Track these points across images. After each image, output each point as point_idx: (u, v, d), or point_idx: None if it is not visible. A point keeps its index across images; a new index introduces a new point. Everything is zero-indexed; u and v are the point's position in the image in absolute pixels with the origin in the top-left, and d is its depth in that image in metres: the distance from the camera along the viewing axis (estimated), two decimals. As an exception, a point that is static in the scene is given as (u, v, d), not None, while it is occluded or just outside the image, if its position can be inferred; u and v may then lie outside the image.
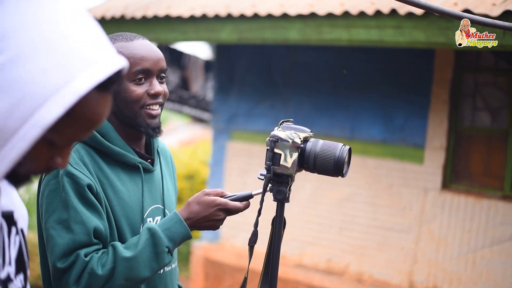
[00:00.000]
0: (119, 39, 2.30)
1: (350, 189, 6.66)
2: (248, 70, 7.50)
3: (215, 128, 7.80)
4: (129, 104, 2.26)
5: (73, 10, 1.21)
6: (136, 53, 2.26)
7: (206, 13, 5.90)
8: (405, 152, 6.38)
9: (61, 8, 1.19)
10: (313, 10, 5.33)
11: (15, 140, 1.14)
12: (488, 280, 5.85)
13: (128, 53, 2.24)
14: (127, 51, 2.25)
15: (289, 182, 2.15)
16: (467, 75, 6.18)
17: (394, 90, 6.49)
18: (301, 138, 2.12)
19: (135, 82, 2.25)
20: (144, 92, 2.26)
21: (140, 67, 2.24)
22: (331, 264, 6.75)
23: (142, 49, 2.28)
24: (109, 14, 6.49)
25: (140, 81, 2.26)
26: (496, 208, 5.85)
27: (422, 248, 6.23)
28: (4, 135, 1.14)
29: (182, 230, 2.22)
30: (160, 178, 2.45)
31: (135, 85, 2.25)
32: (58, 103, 1.14)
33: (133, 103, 2.25)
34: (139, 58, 2.25)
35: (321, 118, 6.85)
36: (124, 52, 2.23)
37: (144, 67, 2.25)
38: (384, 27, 5.10)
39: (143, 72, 2.25)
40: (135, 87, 2.25)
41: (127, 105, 2.26)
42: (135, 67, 2.24)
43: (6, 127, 1.13)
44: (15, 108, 1.13)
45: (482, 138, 6.12)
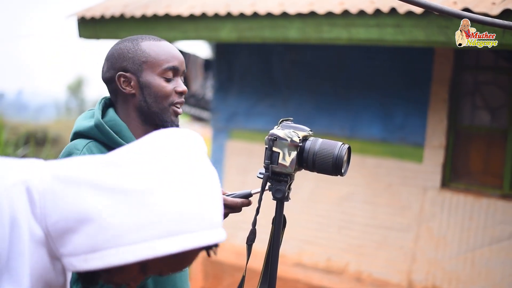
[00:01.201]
0: (147, 38, 2.36)
1: (349, 188, 6.66)
2: (247, 69, 7.50)
3: (214, 127, 7.80)
4: (159, 99, 2.31)
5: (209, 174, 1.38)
6: (166, 51, 2.33)
7: (206, 12, 5.90)
8: (405, 151, 6.38)
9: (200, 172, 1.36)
10: (313, 9, 5.33)
11: (123, 249, 1.24)
12: (487, 279, 5.85)
13: (160, 50, 2.32)
14: (159, 48, 2.32)
15: (288, 181, 2.14)
16: (467, 74, 6.18)
17: (393, 89, 6.49)
18: (300, 137, 2.11)
19: (165, 78, 2.31)
20: (172, 90, 2.32)
21: (171, 65, 2.32)
22: (330, 263, 6.75)
23: (171, 48, 2.36)
24: (109, 13, 6.49)
25: (169, 79, 2.32)
26: (495, 207, 5.85)
27: (421, 247, 6.23)
28: (118, 241, 1.24)
29: None
30: None
31: (165, 81, 2.31)
32: (177, 243, 1.26)
33: (162, 98, 2.31)
34: (170, 56, 2.33)
35: (321, 117, 6.85)
36: (156, 49, 2.32)
37: (174, 65, 2.33)
38: (384, 25, 5.09)
39: (173, 70, 2.32)
40: (165, 83, 2.31)
41: (156, 100, 2.31)
42: (167, 64, 2.31)
43: (123, 236, 1.23)
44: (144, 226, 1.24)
45: (481, 137, 6.12)
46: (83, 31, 6.83)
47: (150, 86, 2.29)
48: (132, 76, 2.30)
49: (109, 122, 2.31)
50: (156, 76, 2.30)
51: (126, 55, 2.32)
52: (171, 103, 2.31)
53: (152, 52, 2.30)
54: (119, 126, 2.30)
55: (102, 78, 2.40)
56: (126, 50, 2.33)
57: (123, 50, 2.33)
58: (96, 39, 6.91)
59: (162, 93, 2.30)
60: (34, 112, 40.14)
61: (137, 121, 2.34)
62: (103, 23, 6.65)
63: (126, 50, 2.33)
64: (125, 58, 2.32)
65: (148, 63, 2.29)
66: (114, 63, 2.34)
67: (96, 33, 6.80)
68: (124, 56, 2.32)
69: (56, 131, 18.86)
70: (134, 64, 2.30)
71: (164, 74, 2.30)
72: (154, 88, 2.29)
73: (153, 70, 2.30)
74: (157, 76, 2.30)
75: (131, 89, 2.31)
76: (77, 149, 2.23)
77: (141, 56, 2.30)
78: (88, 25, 6.77)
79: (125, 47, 2.34)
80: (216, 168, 7.57)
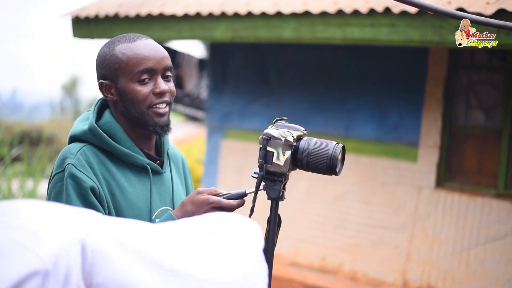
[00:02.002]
0: (122, 40, 2.31)
1: (344, 188, 6.66)
2: (242, 69, 7.50)
3: (209, 126, 7.80)
4: (136, 105, 2.27)
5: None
6: (138, 53, 2.27)
7: (200, 11, 5.89)
8: (399, 151, 6.39)
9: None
10: (307, 9, 5.33)
11: None
12: (482, 278, 5.86)
13: (131, 53, 2.26)
14: (130, 51, 2.27)
15: (282, 180, 2.14)
16: (461, 74, 6.19)
17: (388, 88, 6.49)
18: (294, 137, 2.11)
19: (139, 82, 2.26)
20: (149, 92, 2.27)
21: (143, 67, 2.26)
22: (325, 262, 6.75)
23: (145, 48, 2.28)
24: (103, 12, 6.48)
25: (145, 81, 2.27)
26: (490, 206, 5.86)
27: (416, 246, 6.23)
28: None
29: None
30: (170, 181, 2.46)
31: (140, 85, 2.26)
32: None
33: (139, 103, 2.26)
34: (141, 58, 2.26)
35: (316, 117, 6.86)
36: (127, 53, 2.26)
37: (147, 66, 2.26)
38: (378, 25, 5.10)
39: (146, 72, 2.26)
40: (140, 87, 2.26)
41: (134, 106, 2.27)
42: (138, 67, 2.25)
43: None
44: None
45: (476, 136, 6.13)
46: (78, 31, 6.82)
47: (126, 92, 2.26)
48: (111, 83, 2.29)
49: (104, 125, 2.31)
50: (130, 81, 2.26)
51: (103, 62, 2.30)
52: (149, 106, 2.27)
53: (124, 56, 2.26)
54: (114, 129, 2.30)
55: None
56: (103, 57, 2.31)
57: (101, 57, 2.32)
58: (90, 39, 6.90)
59: (137, 98, 2.26)
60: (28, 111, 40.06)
61: (125, 124, 2.33)
62: (97, 22, 6.64)
63: (103, 56, 2.31)
64: (103, 66, 2.30)
65: (121, 69, 2.26)
66: (97, 70, 2.34)
67: (90, 33, 6.79)
68: (102, 63, 2.31)
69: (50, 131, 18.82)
70: (110, 72, 2.28)
71: (138, 78, 2.26)
72: (130, 95, 2.26)
73: (126, 76, 2.26)
74: (131, 81, 2.26)
75: (113, 96, 2.31)
76: (71, 154, 2.23)
77: (115, 63, 2.27)
78: (83, 24, 6.76)
79: (102, 53, 2.32)
80: (211, 167, 7.59)
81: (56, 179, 2.21)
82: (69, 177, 2.17)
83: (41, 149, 11.06)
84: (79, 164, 2.19)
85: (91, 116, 2.32)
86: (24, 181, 9.39)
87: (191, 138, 16.54)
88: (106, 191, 2.22)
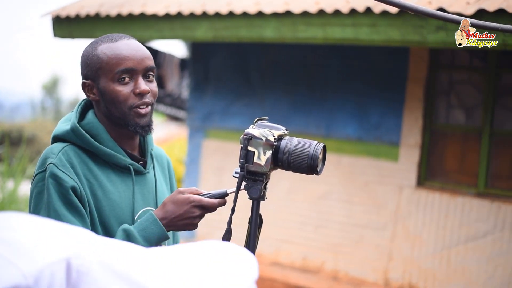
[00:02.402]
0: (105, 40, 2.30)
1: (325, 187, 6.67)
2: (223, 68, 7.50)
3: (190, 126, 7.79)
4: (117, 105, 2.26)
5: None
6: (118, 53, 2.25)
7: (182, 11, 5.89)
8: (380, 150, 6.41)
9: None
10: (289, 9, 5.34)
11: None
12: (463, 276, 5.89)
13: (111, 53, 2.25)
14: (111, 51, 2.26)
15: (264, 180, 2.13)
16: (442, 73, 6.22)
17: (369, 88, 6.51)
18: (275, 136, 2.11)
19: (119, 82, 2.25)
20: (130, 92, 2.26)
21: (123, 67, 2.24)
22: (307, 262, 6.76)
23: (125, 48, 2.27)
24: (84, 12, 6.45)
25: (124, 81, 2.25)
26: (470, 205, 5.89)
27: (397, 245, 6.26)
28: None
29: (158, 230, 2.21)
30: (153, 181, 2.44)
31: (120, 85, 2.25)
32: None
33: (120, 103, 2.25)
34: (121, 58, 2.25)
35: (297, 116, 6.86)
36: (108, 53, 2.25)
37: (127, 66, 2.25)
38: (359, 25, 5.11)
39: (126, 72, 2.25)
40: (120, 87, 2.25)
41: (115, 106, 2.26)
42: (118, 67, 2.24)
43: None
44: None
45: (456, 135, 6.16)
46: (58, 31, 6.79)
47: (107, 92, 2.25)
48: (93, 83, 2.29)
49: (87, 125, 2.30)
50: (110, 81, 2.25)
51: (86, 62, 2.30)
52: (131, 106, 2.26)
53: (105, 56, 2.25)
54: (97, 129, 2.29)
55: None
56: (86, 57, 2.31)
57: (84, 57, 2.32)
58: (71, 39, 6.87)
59: (118, 98, 2.25)
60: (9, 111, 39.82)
61: (108, 124, 2.32)
62: (78, 22, 6.61)
63: (86, 56, 2.30)
64: (86, 65, 2.30)
65: (102, 69, 2.25)
66: (80, 70, 2.34)
67: (71, 33, 6.75)
68: (84, 63, 2.31)
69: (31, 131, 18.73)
70: (92, 71, 2.28)
71: (118, 78, 2.25)
72: (110, 95, 2.25)
73: (107, 75, 2.25)
74: (111, 81, 2.25)
75: (95, 96, 2.30)
76: (53, 153, 2.22)
77: (96, 63, 2.26)
78: (63, 24, 6.73)
79: (85, 53, 2.32)
80: (193, 167, 7.59)
81: (37, 178, 2.20)
82: (50, 176, 2.16)
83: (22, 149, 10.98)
84: (60, 164, 2.18)
85: (73, 117, 2.31)
86: (4, 181, 9.33)
87: (173, 138, 16.51)
88: (88, 191, 2.22)
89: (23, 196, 9.47)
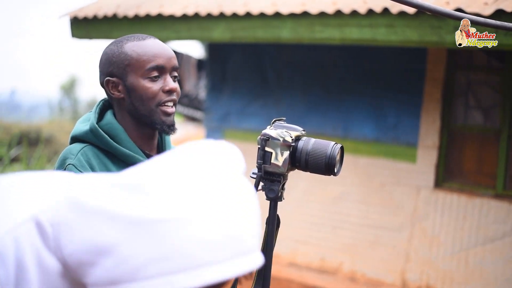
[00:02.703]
0: (131, 39, 2.32)
1: (342, 188, 6.66)
2: (240, 69, 7.50)
3: (207, 127, 7.79)
4: (145, 102, 2.27)
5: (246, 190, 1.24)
6: (149, 51, 2.28)
7: (199, 11, 5.89)
8: (398, 151, 6.39)
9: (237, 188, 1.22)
10: (305, 9, 5.33)
11: (143, 284, 1.14)
12: (480, 278, 5.86)
13: (141, 51, 2.27)
14: (140, 49, 2.28)
15: (281, 180, 2.13)
16: (460, 74, 6.19)
17: (386, 89, 6.49)
18: (292, 137, 2.11)
19: (149, 79, 2.27)
20: (159, 89, 2.28)
21: (154, 64, 2.27)
22: (324, 263, 6.75)
23: (155, 46, 2.30)
24: (101, 13, 6.48)
25: (155, 78, 2.28)
26: (488, 207, 5.86)
27: (414, 246, 6.23)
28: (138, 275, 1.14)
29: None
30: None
31: (150, 82, 2.27)
32: (200, 277, 1.15)
33: (149, 100, 2.27)
34: (152, 55, 2.28)
35: (314, 117, 6.85)
36: (137, 50, 2.27)
37: (158, 63, 2.27)
38: (377, 26, 5.10)
39: (157, 69, 2.27)
40: (150, 84, 2.27)
41: (143, 103, 2.27)
42: (149, 64, 2.26)
43: (143, 270, 1.14)
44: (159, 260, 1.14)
45: (474, 136, 6.13)
46: (76, 31, 6.81)
47: (136, 89, 2.26)
48: (119, 80, 2.29)
49: (105, 126, 2.30)
50: (140, 78, 2.26)
51: (111, 59, 2.30)
52: (159, 103, 2.28)
53: (134, 53, 2.27)
54: (115, 130, 2.29)
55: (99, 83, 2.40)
56: (111, 54, 2.31)
57: (108, 55, 2.32)
58: (88, 39, 6.89)
59: (147, 94, 2.26)
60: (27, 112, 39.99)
61: (131, 124, 2.32)
62: (95, 23, 6.63)
63: (111, 54, 2.30)
64: (111, 63, 2.30)
65: (131, 65, 2.26)
66: (102, 68, 2.33)
67: (88, 33, 6.78)
68: (109, 60, 2.30)
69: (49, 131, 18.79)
70: (119, 68, 2.28)
71: (149, 75, 2.26)
72: (139, 91, 2.26)
73: (136, 72, 2.26)
74: (141, 77, 2.26)
75: (120, 93, 2.30)
76: (72, 154, 2.23)
77: (124, 59, 2.27)
78: (81, 25, 6.75)
79: (110, 51, 2.32)
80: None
81: None
82: None
83: (40, 149, 11.05)
84: (79, 165, 2.19)
85: (92, 117, 2.32)
86: (22, 181, 9.37)
87: (190, 138, 16.52)
88: None
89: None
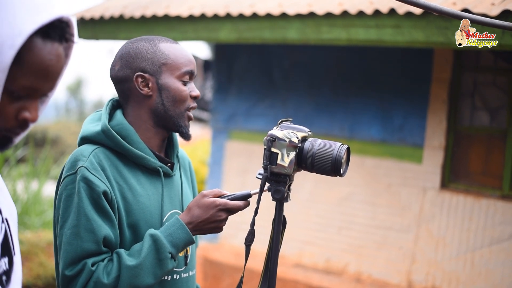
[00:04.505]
0: (164, 40, 2.35)
1: (349, 189, 6.66)
2: (247, 70, 7.50)
3: (214, 127, 7.80)
4: (177, 103, 2.29)
5: None
6: (185, 55, 2.32)
7: (205, 12, 5.89)
8: (404, 152, 6.38)
9: None
10: (312, 10, 5.33)
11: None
12: (487, 279, 5.85)
13: (178, 53, 2.30)
14: (177, 51, 2.31)
15: (287, 181, 2.14)
16: (466, 75, 6.18)
17: (393, 89, 6.49)
18: (298, 138, 2.11)
19: (182, 82, 2.30)
20: (188, 94, 2.31)
21: (189, 69, 2.31)
22: (330, 263, 6.75)
23: (188, 52, 2.34)
24: (108, 14, 6.49)
25: (186, 82, 2.31)
26: (495, 208, 5.85)
27: (421, 247, 6.23)
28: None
29: (185, 235, 2.21)
30: (179, 183, 2.45)
31: (183, 85, 2.30)
32: (9, 47, 1.17)
33: (180, 102, 2.29)
34: (188, 60, 2.32)
35: (320, 118, 6.85)
36: (174, 52, 2.30)
37: (192, 69, 2.32)
38: (383, 26, 5.09)
39: (190, 74, 2.31)
40: (183, 87, 2.30)
41: (174, 104, 2.29)
42: (185, 68, 2.30)
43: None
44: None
45: (481, 137, 6.12)
46: (82, 32, 6.83)
47: (169, 89, 2.27)
48: (151, 77, 2.28)
49: (116, 126, 2.29)
50: (175, 79, 2.28)
51: (145, 55, 2.29)
52: (187, 107, 2.31)
53: (172, 54, 2.28)
54: (127, 131, 2.28)
55: (113, 77, 2.35)
56: (144, 50, 2.30)
57: (140, 50, 2.30)
58: (95, 40, 6.91)
59: (180, 97, 2.28)
60: (33, 113, 39.85)
61: (148, 123, 2.32)
62: (102, 24, 6.65)
63: (145, 50, 2.30)
64: (144, 58, 2.29)
65: (168, 65, 2.27)
66: (130, 62, 2.30)
67: (95, 34, 6.80)
68: (142, 56, 2.29)
69: (55, 132, 18.84)
70: (153, 65, 2.28)
71: (182, 78, 2.28)
72: (173, 92, 2.28)
73: (172, 72, 2.27)
74: (176, 79, 2.28)
75: (149, 90, 2.29)
76: (83, 156, 2.22)
77: (161, 58, 2.28)
78: (87, 26, 6.77)
79: (142, 46, 2.31)
80: (216, 168, 7.60)
81: (67, 181, 2.20)
82: (82, 180, 2.15)
83: (46, 150, 11.08)
84: (91, 167, 2.18)
85: (103, 117, 2.30)
86: (29, 182, 9.40)
87: (196, 139, 16.53)
88: (118, 194, 2.22)
89: (47, 197, 9.54)
